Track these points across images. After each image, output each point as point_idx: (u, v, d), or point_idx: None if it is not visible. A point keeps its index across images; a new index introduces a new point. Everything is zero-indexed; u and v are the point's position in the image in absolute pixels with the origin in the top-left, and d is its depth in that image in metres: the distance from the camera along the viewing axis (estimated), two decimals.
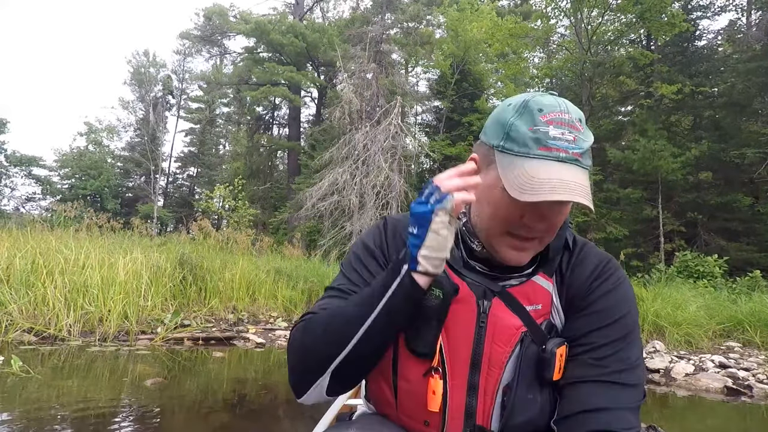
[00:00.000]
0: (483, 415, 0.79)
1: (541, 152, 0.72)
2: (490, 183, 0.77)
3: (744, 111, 13.59)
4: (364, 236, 0.95)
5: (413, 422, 0.84)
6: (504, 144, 0.75)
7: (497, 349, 0.79)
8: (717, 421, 3.49)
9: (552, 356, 0.77)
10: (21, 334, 4.25)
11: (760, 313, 5.66)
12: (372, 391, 0.91)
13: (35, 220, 8.47)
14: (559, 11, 14.25)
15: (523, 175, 0.71)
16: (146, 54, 28.26)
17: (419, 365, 0.81)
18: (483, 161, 0.80)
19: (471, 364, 0.79)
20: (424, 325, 0.79)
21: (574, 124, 0.74)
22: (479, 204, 0.80)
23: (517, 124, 0.74)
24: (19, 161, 24.95)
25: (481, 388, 0.79)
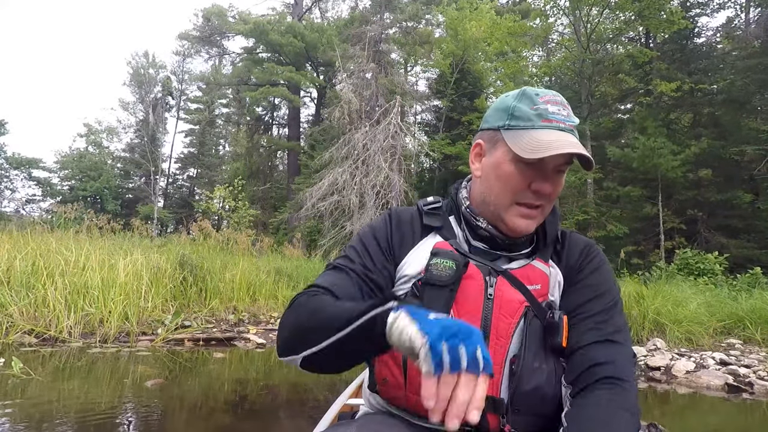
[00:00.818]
0: (493, 385, 0.83)
1: (544, 123, 0.85)
2: (498, 160, 0.88)
3: (743, 108, 13.59)
4: (372, 223, 0.99)
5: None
6: (510, 122, 0.87)
7: (504, 320, 0.85)
8: (718, 419, 3.49)
9: (560, 321, 0.85)
10: (21, 336, 4.25)
11: (761, 310, 5.65)
12: (379, 374, 0.90)
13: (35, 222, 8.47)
14: (557, 9, 14.25)
15: (532, 141, 0.83)
16: (146, 55, 28.28)
17: None
18: (488, 144, 0.92)
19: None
20: (437, 296, 0.84)
21: (566, 104, 0.89)
22: (488, 182, 0.91)
23: (519, 106, 0.87)
24: (20, 163, 24.97)
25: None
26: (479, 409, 0.59)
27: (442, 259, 0.86)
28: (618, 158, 13.21)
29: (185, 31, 23.94)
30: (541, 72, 16.32)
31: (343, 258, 0.94)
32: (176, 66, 28.07)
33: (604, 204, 13.76)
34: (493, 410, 0.83)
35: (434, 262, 0.87)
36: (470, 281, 0.86)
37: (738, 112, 13.63)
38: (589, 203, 13.29)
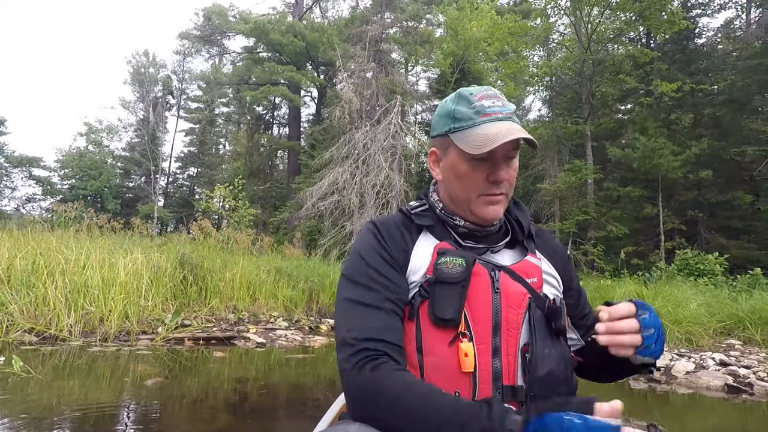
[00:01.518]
0: (509, 375, 0.86)
1: (484, 119, 0.91)
2: (453, 162, 0.94)
3: (744, 108, 13.58)
4: (364, 245, 0.96)
5: None
6: (453, 125, 0.93)
7: (512, 312, 0.89)
8: (717, 419, 3.49)
9: (561, 306, 0.93)
10: (22, 335, 4.25)
11: (761, 311, 5.65)
12: None
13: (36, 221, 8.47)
14: (558, 9, 14.24)
15: (477, 137, 0.89)
16: (146, 54, 28.27)
17: (444, 334, 0.86)
18: (441, 150, 0.98)
19: (492, 327, 0.87)
20: (449, 293, 0.87)
21: (499, 95, 0.94)
22: (449, 183, 0.97)
23: (458, 108, 0.93)
24: (20, 162, 24.96)
25: (503, 350, 0.87)
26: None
27: (452, 257, 0.89)
28: (618, 158, 13.21)
29: (186, 30, 23.95)
30: (542, 72, 16.31)
31: (365, 291, 0.89)
32: (177, 65, 28.09)
33: (605, 204, 13.75)
34: (513, 398, 0.86)
35: (443, 261, 0.89)
36: (478, 277, 0.89)
37: (739, 112, 13.62)
38: (590, 203, 13.29)
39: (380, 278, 0.90)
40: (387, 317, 0.86)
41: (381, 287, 0.89)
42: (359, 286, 0.90)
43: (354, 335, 0.84)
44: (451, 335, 0.86)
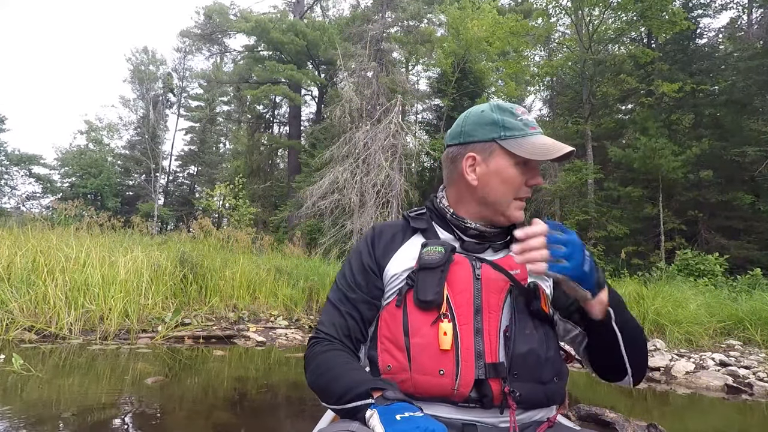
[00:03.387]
0: (491, 354, 0.93)
1: (532, 131, 1.02)
2: (499, 166, 1.02)
3: (745, 109, 13.56)
4: (354, 250, 1.12)
5: (428, 377, 0.92)
6: (504, 134, 1.01)
7: (492, 296, 0.96)
8: (717, 419, 3.49)
9: (535, 288, 0.98)
10: (22, 333, 4.25)
11: (761, 311, 5.65)
12: (383, 363, 0.99)
13: (36, 219, 8.47)
14: (559, 9, 14.22)
15: (535, 146, 0.99)
16: (146, 52, 28.24)
17: (428, 316, 0.95)
18: (482, 155, 1.03)
19: (474, 309, 0.95)
20: (430, 277, 0.96)
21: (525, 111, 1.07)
22: (489, 186, 1.03)
23: (505, 119, 1.02)
24: (20, 160, 24.97)
25: (485, 331, 0.94)
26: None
27: (432, 246, 0.99)
28: (619, 159, 13.19)
29: (186, 29, 23.89)
30: (543, 72, 16.29)
31: (335, 290, 1.09)
32: (177, 63, 28.06)
33: (605, 204, 13.74)
34: (495, 374, 0.91)
35: (425, 250, 0.99)
36: (459, 266, 0.98)
37: (739, 113, 13.60)
38: (590, 203, 13.28)
39: (353, 284, 1.06)
40: (341, 317, 1.04)
41: (349, 291, 1.05)
42: (336, 289, 1.08)
43: (318, 326, 1.06)
44: (434, 316, 0.94)
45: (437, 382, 0.91)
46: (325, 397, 0.93)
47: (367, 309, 1.04)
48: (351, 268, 1.08)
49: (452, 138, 1.08)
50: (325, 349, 0.99)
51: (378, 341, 1.01)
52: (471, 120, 1.05)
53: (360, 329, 1.03)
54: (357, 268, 1.07)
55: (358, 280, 1.05)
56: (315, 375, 0.97)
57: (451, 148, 1.08)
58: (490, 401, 0.91)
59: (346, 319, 1.03)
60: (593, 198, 13.54)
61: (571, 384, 3.56)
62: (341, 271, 1.10)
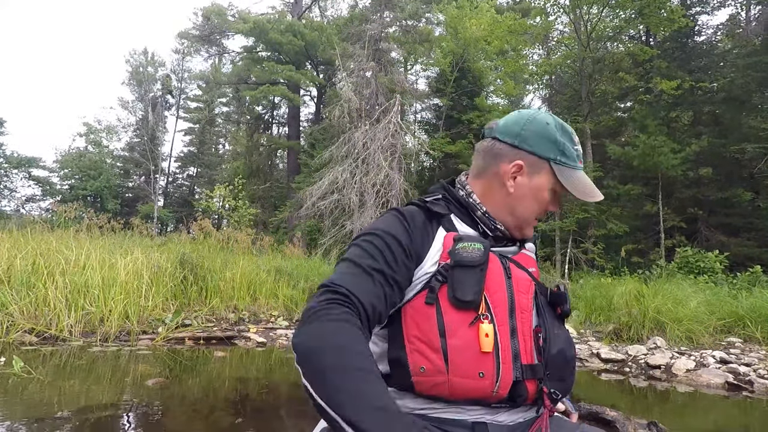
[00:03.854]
0: (526, 354, 0.93)
1: (580, 165, 1.04)
2: (540, 185, 1.02)
3: (744, 106, 13.57)
4: (384, 225, 0.95)
5: (467, 380, 0.87)
6: (560, 159, 1.02)
7: (522, 296, 0.96)
8: (718, 417, 3.49)
9: (566, 292, 1.02)
10: (22, 335, 4.25)
11: (761, 309, 5.65)
12: (414, 365, 0.89)
13: (35, 221, 8.46)
14: (557, 8, 14.20)
15: (581, 184, 1.03)
16: (145, 53, 28.24)
17: (465, 316, 0.89)
18: (529, 168, 1.02)
19: (509, 310, 0.93)
20: (469, 276, 0.90)
21: None
22: (522, 200, 1.02)
23: (564, 143, 1.02)
24: (19, 162, 24.94)
25: (519, 331, 0.93)
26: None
27: (470, 243, 0.93)
28: (618, 156, 13.20)
29: (185, 30, 23.87)
30: (541, 70, 16.29)
31: (365, 256, 0.88)
32: (176, 64, 28.08)
33: (604, 202, 13.72)
34: (532, 375, 0.92)
35: (462, 246, 0.92)
36: (493, 264, 0.95)
37: (738, 110, 13.61)
38: (590, 201, 13.28)
39: (391, 260, 0.88)
40: (371, 286, 0.84)
41: (386, 266, 0.87)
42: (367, 254, 0.88)
43: (339, 282, 0.82)
44: (472, 317, 0.89)
45: (476, 385, 0.88)
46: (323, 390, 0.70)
47: (397, 292, 0.89)
48: (386, 241, 0.90)
49: (505, 135, 1.02)
50: (345, 317, 0.76)
51: (406, 341, 0.90)
52: (533, 128, 1.01)
53: (387, 311, 0.87)
54: (396, 247, 0.91)
55: (398, 257, 0.90)
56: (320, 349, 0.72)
57: (500, 144, 1.03)
58: (523, 401, 0.93)
59: (378, 290, 0.85)
60: None
61: None
62: (370, 236, 0.92)
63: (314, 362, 0.71)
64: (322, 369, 0.70)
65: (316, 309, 0.77)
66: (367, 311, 0.81)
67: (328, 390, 0.69)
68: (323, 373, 0.70)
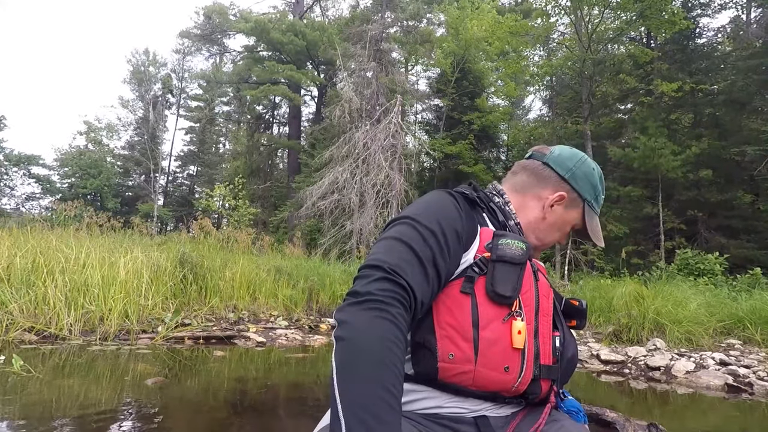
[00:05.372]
0: (545, 355, 0.97)
1: (598, 211, 1.20)
2: (569, 219, 1.14)
3: (744, 108, 13.58)
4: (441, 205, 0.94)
5: (493, 373, 0.90)
6: (594, 203, 1.16)
7: (545, 300, 1.00)
8: (717, 419, 3.49)
9: (586, 308, 1.11)
10: (22, 333, 4.25)
11: (761, 311, 5.65)
12: (443, 350, 0.88)
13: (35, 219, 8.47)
14: (559, 9, 14.22)
15: (596, 227, 1.20)
16: (146, 52, 28.25)
17: (499, 311, 0.91)
18: (569, 202, 1.12)
19: (535, 311, 0.97)
20: (510, 272, 0.93)
21: None
22: (552, 227, 1.13)
23: (601, 191, 1.17)
24: (19, 160, 24.94)
25: (541, 333, 0.97)
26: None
27: (512, 240, 0.95)
28: (619, 158, 13.21)
29: (186, 29, 23.92)
30: (542, 72, 16.30)
31: (421, 243, 0.85)
32: (177, 64, 28.10)
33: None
34: (548, 375, 0.97)
35: (505, 242, 0.94)
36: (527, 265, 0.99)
37: (738, 112, 13.62)
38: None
39: (444, 247, 0.87)
40: (425, 278, 0.83)
41: (440, 254, 0.86)
42: (420, 239, 0.85)
43: (394, 266, 0.79)
44: (506, 312, 0.92)
45: (500, 378, 0.91)
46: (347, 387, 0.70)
47: (442, 286, 0.89)
48: (441, 226, 0.88)
49: (558, 166, 1.12)
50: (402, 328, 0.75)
51: (436, 326, 0.88)
52: (583, 170, 1.13)
53: (427, 303, 0.86)
54: (452, 235, 0.89)
55: (452, 247, 0.89)
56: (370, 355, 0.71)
57: (549, 172, 1.12)
58: (535, 398, 0.98)
59: (429, 289, 0.84)
60: None
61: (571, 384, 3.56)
62: (428, 220, 0.89)
63: (355, 355, 0.71)
64: (356, 365, 0.71)
65: (377, 297, 0.75)
66: (418, 308, 0.82)
67: (349, 386, 0.70)
68: (356, 369, 0.70)
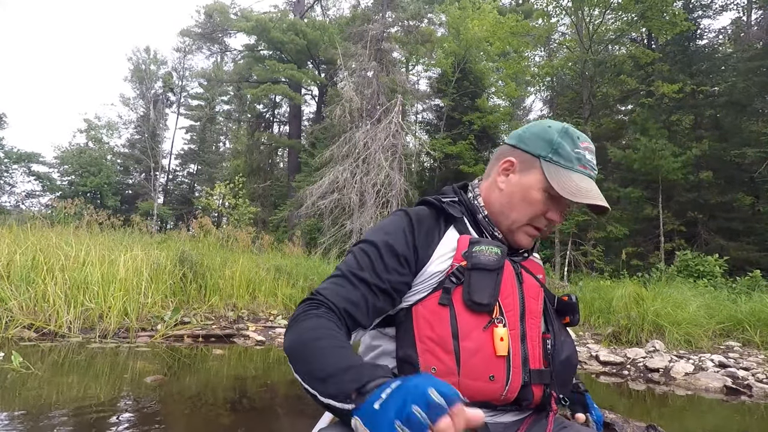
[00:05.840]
0: (534, 359, 0.93)
1: (581, 169, 0.98)
2: (529, 184, 0.99)
3: (745, 110, 13.57)
4: (386, 227, 0.98)
5: (478, 383, 0.88)
6: (552, 157, 0.98)
7: (533, 302, 0.97)
8: (716, 421, 3.49)
9: (577, 302, 1.02)
10: (21, 331, 4.25)
11: (760, 313, 5.65)
12: (425, 365, 0.89)
13: (35, 217, 8.46)
14: (560, 10, 14.21)
15: (571, 184, 0.96)
16: (147, 51, 28.24)
17: (479, 319, 0.90)
18: (521, 165, 1.01)
19: (520, 314, 0.94)
20: (486, 279, 0.91)
21: (595, 155, 1.03)
22: (511, 199, 1.01)
23: (563, 143, 0.98)
24: (19, 157, 24.93)
25: (529, 336, 0.94)
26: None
27: (486, 246, 0.93)
28: (619, 159, 13.20)
29: (187, 28, 23.89)
30: (543, 72, 16.29)
31: (354, 266, 0.92)
32: (177, 62, 28.07)
33: None
34: (539, 380, 0.93)
35: (479, 249, 0.93)
36: (506, 269, 0.95)
37: (739, 114, 13.62)
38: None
39: (379, 269, 0.91)
40: (354, 292, 0.89)
41: (372, 275, 0.90)
42: (355, 263, 0.93)
43: (320, 290, 0.89)
44: (486, 320, 0.90)
45: (487, 388, 0.88)
46: (300, 366, 0.76)
47: (383, 300, 0.91)
48: (379, 250, 0.93)
49: (510, 137, 1.08)
50: (320, 314, 0.83)
51: (417, 341, 0.90)
52: (533, 129, 1.03)
53: (366, 315, 0.90)
54: (388, 254, 0.92)
55: (389, 266, 0.92)
56: (297, 336, 0.80)
57: (504, 146, 1.07)
58: (528, 405, 0.94)
59: (356, 297, 0.89)
60: None
61: None
62: (365, 244, 0.95)
63: (294, 351, 0.78)
64: (299, 352, 0.77)
65: (296, 314, 0.84)
66: (343, 315, 0.86)
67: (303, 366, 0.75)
68: (300, 355, 0.77)
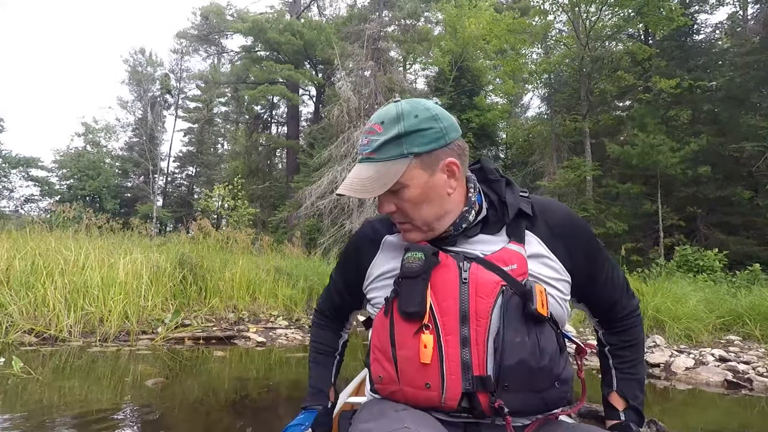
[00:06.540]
0: (479, 366, 0.86)
1: (359, 157, 0.94)
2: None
3: (742, 105, 13.57)
4: (347, 246, 1.16)
5: (416, 390, 0.89)
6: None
7: (481, 301, 0.87)
8: (717, 415, 3.50)
9: (533, 289, 0.87)
10: (21, 335, 4.25)
11: (760, 307, 5.66)
12: (375, 373, 0.97)
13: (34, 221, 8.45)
14: (557, 6, 14.21)
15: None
16: (143, 53, 28.18)
17: (412, 327, 0.89)
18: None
19: (460, 318, 0.87)
20: (411, 287, 0.89)
21: (372, 129, 0.92)
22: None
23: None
24: (18, 162, 24.89)
25: (473, 340, 0.87)
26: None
27: (412, 252, 0.92)
28: (617, 155, 13.20)
29: (183, 30, 23.85)
30: (540, 69, 16.29)
31: (333, 274, 1.20)
32: (174, 64, 27.99)
33: (604, 201, 13.75)
34: (483, 388, 0.86)
35: (406, 256, 0.92)
36: (445, 269, 0.90)
37: (737, 108, 13.61)
38: (589, 200, 13.29)
39: (341, 272, 1.17)
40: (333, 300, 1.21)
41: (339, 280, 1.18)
42: (334, 271, 1.21)
43: (319, 303, 1.27)
44: (416, 327, 0.88)
45: (424, 395, 0.89)
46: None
47: (353, 301, 1.16)
48: (338, 267, 1.19)
49: None
50: (315, 325, 1.25)
51: (370, 350, 0.98)
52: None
53: (350, 309, 1.20)
54: (339, 272, 1.18)
55: (346, 279, 1.14)
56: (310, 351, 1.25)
57: None
58: (480, 413, 0.88)
59: (336, 299, 1.19)
60: (592, 195, 13.56)
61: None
62: (338, 257, 1.24)
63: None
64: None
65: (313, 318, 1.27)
66: (332, 315, 1.23)
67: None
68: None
